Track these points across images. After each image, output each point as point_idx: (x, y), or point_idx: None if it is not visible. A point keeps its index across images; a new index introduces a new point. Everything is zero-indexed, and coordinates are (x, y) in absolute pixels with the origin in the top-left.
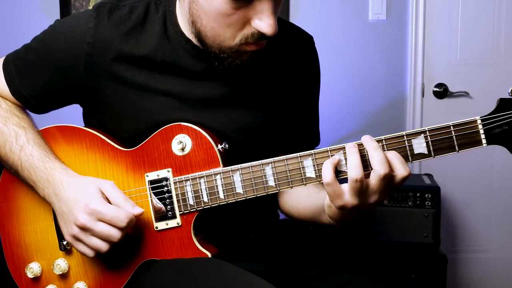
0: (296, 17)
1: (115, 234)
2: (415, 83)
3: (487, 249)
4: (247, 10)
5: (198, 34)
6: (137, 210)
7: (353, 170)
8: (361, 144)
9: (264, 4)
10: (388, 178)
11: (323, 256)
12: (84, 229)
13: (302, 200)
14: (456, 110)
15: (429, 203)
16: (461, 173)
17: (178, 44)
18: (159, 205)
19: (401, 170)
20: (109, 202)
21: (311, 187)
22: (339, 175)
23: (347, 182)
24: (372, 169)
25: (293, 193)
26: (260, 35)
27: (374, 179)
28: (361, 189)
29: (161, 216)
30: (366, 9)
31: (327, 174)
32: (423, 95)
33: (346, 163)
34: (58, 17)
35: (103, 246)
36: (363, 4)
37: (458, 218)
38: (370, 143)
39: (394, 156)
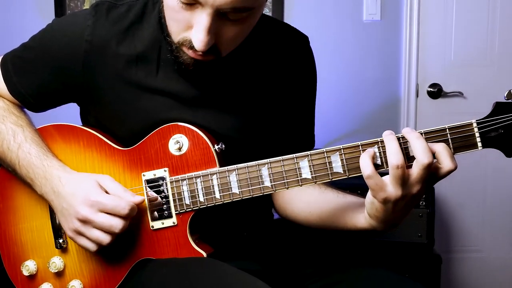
0: (291, 18)
1: (117, 223)
2: (409, 83)
3: (481, 249)
4: (191, 15)
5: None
6: (138, 198)
7: (393, 156)
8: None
9: (201, 17)
10: (431, 168)
11: (318, 255)
12: (85, 221)
13: (323, 206)
14: (450, 110)
15: (423, 203)
16: (455, 173)
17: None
18: (154, 195)
19: (448, 163)
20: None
21: (330, 192)
22: (377, 168)
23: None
24: (409, 160)
25: (303, 199)
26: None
27: (417, 168)
28: (403, 177)
29: (157, 214)
30: (361, 10)
31: (367, 166)
32: (417, 95)
33: (381, 156)
34: (53, 17)
35: (105, 238)
36: (357, 4)
37: (452, 218)
38: (412, 133)
39: (443, 149)
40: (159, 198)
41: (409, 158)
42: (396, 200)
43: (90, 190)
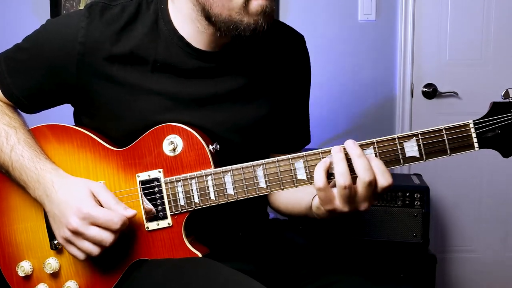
0: (286, 17)
1: (107, 238)
2: (404, 83)
3: (475, 249)
4: None
5: (204, 8)
6: (130, 212)
7: (341, 177)
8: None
9: None
10: (373, 184)
11: (313, 256)
12: (76, 233)
13: (290, 196)
14: (445, 110)
15: (418, 203)
16: (450, 173)
17: (170, 41)
18: (149, 206)
19: (381, 180)
20: (101, 205)
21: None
22: (331, 177)
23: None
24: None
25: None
26: None
27: (360, 186)
28: (350, 195)
29: (152, 216)
30: (356, 10)
31: (320, 179)
32: (412, 95)
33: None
34: (48, 17)
35: (95, 250)
36: (352, 4)
37: (447, 218)
38: (353, 150)
39: (376, 166)
40: (153, 209)
41: None
42: (341, 213)
43: (82, 201)
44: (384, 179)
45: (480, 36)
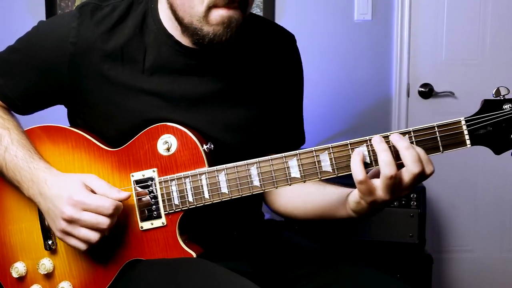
0: (282, 17)
1: (103, 220)
2: (400, 83)
3: (472, 249)
4: None
5: (171, 8)
6: (123, 194)
7: (387, 167)
8: (386, 137)
9: None
10: (422, 175)
11: (309, 256)
12: (71, 221)
13: (307, 199)
14: (442, 110)
15: (415, 203)
16: (447, 173)
17: (160, 40)
18: (143, 190)
19: (427, 169)
20: (95, 193)
21: (311, 185)
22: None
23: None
24: (399, 166)
25: (293, 194)
26: None
27: (407, 177)
28: (394, 184)
29: (146, 215)
30: (352, 9)
31: (359, 172)
32: (408, 95)
33: (370, 155)
34: (44, 17)
35: (93, 235)
36: (348, 4)
37: (444, 218)
38: (401, 142)
39: (423, 155)
40: (148, 196)
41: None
42: (383, 202)
43: (74, 190)
44: (429, 168)
45: (477, 35)
